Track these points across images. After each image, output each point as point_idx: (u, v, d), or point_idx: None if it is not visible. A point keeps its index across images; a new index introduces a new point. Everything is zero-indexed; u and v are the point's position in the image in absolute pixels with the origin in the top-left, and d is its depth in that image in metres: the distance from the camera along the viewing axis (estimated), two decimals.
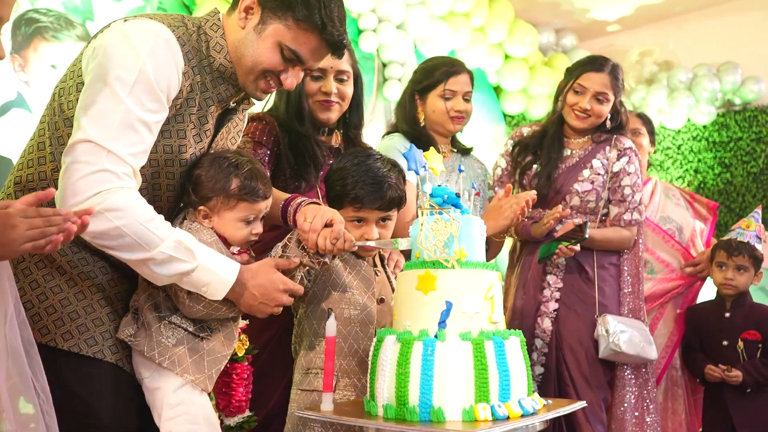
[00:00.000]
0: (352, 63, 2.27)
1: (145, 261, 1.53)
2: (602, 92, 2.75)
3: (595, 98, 2.75)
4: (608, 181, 2.79)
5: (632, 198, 2.79)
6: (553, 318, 2.72)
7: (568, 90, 2.80)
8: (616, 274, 2.81)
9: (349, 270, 1.97)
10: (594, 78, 2.75)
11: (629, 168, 2.79)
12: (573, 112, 2.79)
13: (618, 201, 2.80)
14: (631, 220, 2.80)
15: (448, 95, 2.57)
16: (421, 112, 2.63)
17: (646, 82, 6.02)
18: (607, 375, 2.73)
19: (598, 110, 2.76)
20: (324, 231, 1.72)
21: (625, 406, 2.72)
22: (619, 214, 2.80)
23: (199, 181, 1.70)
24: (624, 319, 2.69)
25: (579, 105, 2.76)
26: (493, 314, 1.62)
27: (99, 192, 1.47)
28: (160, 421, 1.62)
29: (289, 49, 1.65)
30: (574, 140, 2.86)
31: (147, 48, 1.54)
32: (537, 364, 2.71)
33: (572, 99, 2.79)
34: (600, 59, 2.84)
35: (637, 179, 2.80)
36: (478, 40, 5.34)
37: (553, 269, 2.74)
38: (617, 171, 2.79)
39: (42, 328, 1.60)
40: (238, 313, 1.70)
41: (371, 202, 1.91)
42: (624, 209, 2.79)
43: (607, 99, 2.76)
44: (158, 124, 1.58)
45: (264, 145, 2.18)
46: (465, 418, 1.51)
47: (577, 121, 2.79)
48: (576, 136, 2.86)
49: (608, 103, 2.78)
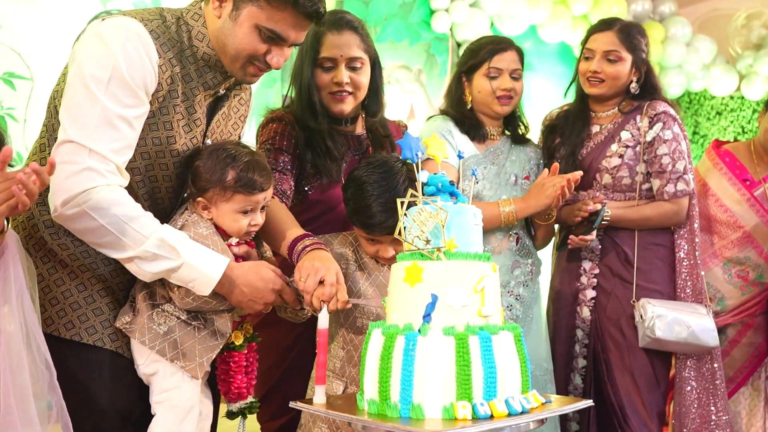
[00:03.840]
0: (365, 48, 2.16)
1: (131, 258, 1.57)
2: (611, 50, 2.54)
3: (605, 59, 2.55)
4: (643, 153, 2.56)
5: (673, 167, 2.53)
6: (591, 306, 2.56)
7: (579, 60, 2.62)
8: (667, 255, 2.57)
9: (366, 276, 1.96)
10: (600, 38, 2.56)
11: (665, 134, 2.53)
12: (586, 80, 2.59)
13: (657, 173, 2.55)
14: (675, 191, 2.54)
15: (494, 74, 2.47)
16: (468, 94, 2.55)
17: (754, 47, 5.56)
18: (660, 369, 2.52)
19: (611, 72, 2.55)
20: (318, 291, 1.67)
21: (686, 401, 2.51)
22: (660, 187, 2.55)
23: (197, 172, 1.73)
24: (672, 303, 2.47)
25: (589, 69, 2.56)
26: (483, 307, 1.54)
27: (84, 191, 1.53)
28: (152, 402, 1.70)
29: (266, 29, 1.64)
30: (601, 114, 2.65)
31: (119, 44, 1.57)
32: (579, 356, 2.56)
33: (583, 66, 2.60)
34: (608, 19, 2.65)
35: (677, 145, 2.54)
36: (560, 14, 5.12)
37: (588, 254, 2.57)
38: (651, 140, 2.55)
39: (47, 319, 1.68)
40: (231, 305, 1.71)
41: (381, 231, 1.86)
42: (665, 181, 2.54)
43: (620, 58, 2.54)
44: (139, 119, 1.61)
45: (285, 150, 2.13)
46: (445, 416, 1.45)
47: (592, 87, 2.58)
48: (602, 109, 2.64)
49: (622, 63, 2.55)
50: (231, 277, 1.64)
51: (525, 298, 2.50)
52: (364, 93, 2.18)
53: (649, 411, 2.46)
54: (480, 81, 2.50)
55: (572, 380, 2.57)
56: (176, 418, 1.67)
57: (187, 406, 1.68)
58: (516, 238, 2.52)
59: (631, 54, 2.54)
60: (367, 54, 2.16)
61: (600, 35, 2.56)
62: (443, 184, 1.66)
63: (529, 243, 2.56)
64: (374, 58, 2.20)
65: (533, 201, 2.39)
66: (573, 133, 2.60)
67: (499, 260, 2.47)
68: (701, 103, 5.87)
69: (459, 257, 1.55)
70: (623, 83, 2.57)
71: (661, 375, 2.52)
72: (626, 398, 2.46)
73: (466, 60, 2.58)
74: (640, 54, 2.56)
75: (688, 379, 2.52)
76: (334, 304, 1.68)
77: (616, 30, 2.55)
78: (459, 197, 1.68)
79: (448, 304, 1.52)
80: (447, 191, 1.66)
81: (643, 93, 2.60)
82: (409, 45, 4.86)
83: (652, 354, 2.49)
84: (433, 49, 4.92)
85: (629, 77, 2.57)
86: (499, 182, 2.50)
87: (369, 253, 1.96)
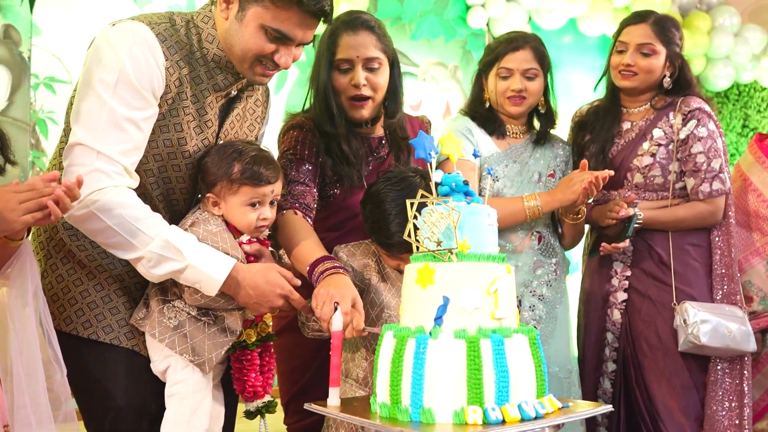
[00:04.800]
0: (382, 48, 2.08)
1: (138, 259, 1.59)
2: (645, 43, 2.44)
3: (639, 52, 2.45)
4: (676, 151, 2.46)
5: (708, 166, 2.42)
6: (622, 310, 2.48)
7: (611, 53, 2.54)
8: (703, 256, 2.47)
9: (389, 287, 1.94)
10: (633, 31, 2.46)
11: (699, 131, 2.43)
12: (618, 73, 2.50)
13: (692, 171, 2.44)
14: (711, 191, 2.43)
15: (504, 74, 2.40)
16: (486, 93, 2.50)
17: None
18: (697, 372, 2.43)
19: (644, 65, 2.45)
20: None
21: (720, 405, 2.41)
22: (695, 187, 2.44)
23: (205, 168, 1.75)
24: (711, 306, 2.37)
25: (621, 62, 2.48)
26: (496, 310, 1.50)
27: (92, 192, 1.55)
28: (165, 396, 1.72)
29: (272, 29, 1.64)
30: (632, 110, 2.55)
31: (125, 48, 1.59)
32: (609, 360, 2.49)
33: (615, 59, 2.51)
34: (642, 12, 2.54)
35: (712, 143, 2.43)
36: (600, 6, 5.01)
37: (620, 256, 2.49)
38: (685, 137, 2.44)
39: (66, 318, 1.72)
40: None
41: (399, 250, 1.84)
42: (700, 180, 2.43)
43: (654, 51, 2.45)
44: (147, 121, 1.63)
45: (306, 160, 2.06)
46: (455, 421, 1.42)
47: (624, 80, 2.49)
48: (634, 105, 2.55)
49: (656, 56, 2.45)
50: (237, 279, 1.64)
51: (548, 298, 2.44)
52: (382, 94, 2.11)
53: (687, 416, 2.38)
54: (492, 80, 2.44)
55: (601, 384, 2.51)
56: (186, 411, 1.68)
57: (197, 399, 1.69)
58: (538, 237, 2.46)
59: (666, 47, 2.46)
60: (384, 54, 2.09)
61: (634, 28, 2.48)
62: (457, 183, 1.63)
63: (555, 242, 2.50)
64: (393, 57, 2.13)
65: (559, 195, 2.33)
66: (603, 129, 2.52)
67: (521, 259, 2.41)
68: (751, 95, 5.67)
69: (471, 258, 1.52)
70: (657, 77, 2.48)
71: (698, 379, 2.43)
72: (661, 403, 2.38)
73: (483, 58, 2.53)
74: (674, 48, 2.47)
75: (721, 383, 2.43)
76: (350, 332, 1.67)
77: (651, 23, 2.46)
78: (474, 197, 1.64)
79: (459, 307, 1.49)
80: (461, 191, 1.63)
81: (677, 88, 2.51)
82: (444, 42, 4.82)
83: (689, 358, 2.40)
84: (469, 45, 4.87)
85: (663, 71, 2.48)
86: (521, 180, 2.44)
87: (391, 266, 1.94)
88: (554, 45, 5.34)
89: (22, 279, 1.50)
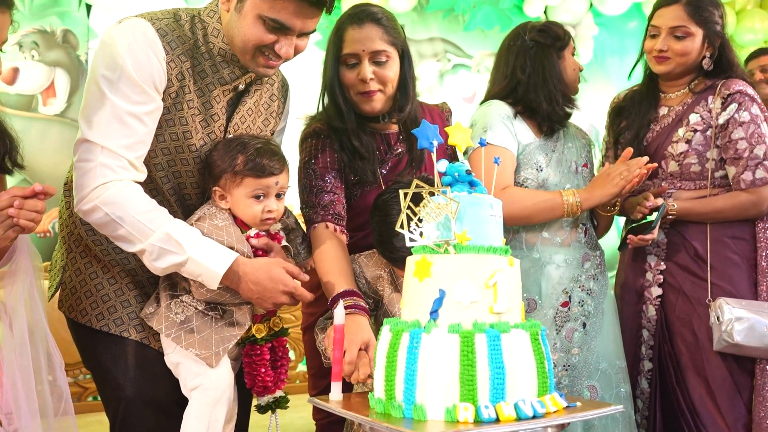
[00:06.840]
0: (390, 40, 2.02)
1: (142, 252, 1.62)
2: (678, 26, 2.30)
3: (672, 35, 2.31)
4: (715, 137, 2.31)
5: (751, 153, 2.25)
6: (657, 305, 2.35)
7: (644, 38, 2.39)
8: (746, 249, 2.30)
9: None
10: (665, 13, 2.33)
11: (740, 116, 2.26)
12: (652, 58, 2.37)
13: (732, 159, 2.28)
14: (753, 180, 2.26)
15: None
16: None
17: None
18: (740, 374, 2.26)
19: (679, 48, 2.31)
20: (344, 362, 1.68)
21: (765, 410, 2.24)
22: (737, 175, 2.28)
23: (211, 161, 1.77)
24: (751, 303, 2.21)
25: (654, 47, 2.34)
26: (495, 304, 1.44)
27: (97, 186, 1.60)
28: (186, 390, 1.73)
29: (269, 19, 1.64)
30: (670, 95, 2.41)
31: (125, 45, 1.63)
32: (645, 358, 2.36)
33: (648, 44, 2.38)
34: None
35: (755, 128, 2.26)
36: None
37: (653, 249, 2.35)
38: (724, 122, 2.28)
39: (81, 310, 1.77)
40: None
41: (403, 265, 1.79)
42: (742, 168, 2.26)
43: (688, 33, 2.30)
44: (151, 114, 1.66)
45: (328, 167, 2.04)
46: (447, 419, 1.37)
47: (658, 65, 2.35)
48: (672, 89, 2.41)
49: (691, 39, 2.31)
50: (238, 273, 1.64)
51: (595, 292, 2.35)
52: (392, 87, 2.05)
53: (729, 421, 2.22)
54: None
55: (639, 384, 2.38)
56: (208, 402, 1.70)
57: (218, 391, 1.70)
58: (584, 230, 2.37)
59: (702, 28, 2.31)
60: (393, 46, 2.03)
61: (666, 10, 2.35)
62: (460, 173, 1.57)
63: (595, 234, 2.40)
64: (403, 49, 2.07)
65: (598, 191, 2.23)
66: (639, 115, 2.40)
67: (568, 253, 2.33)
68: None
69: (469, 250, 1.47)
70: (693, 60, 2.34)
71: (742, 382, 2.27)
72: (700, 404, 2.24)
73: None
74: (712, 27, 2.32)
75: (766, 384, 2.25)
76: (355, 378, 1.69)
77: (684, 3, 2.32)
78: (478, 187, 1.58)
79: (456, 300, 1.44)
80: (464, 181, 1.58)
81: (718, 70, 2.36)
82: (500, 32, 4.70)
83: (729, 358, 2.25)
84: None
85: (701, 53, 2.33)
86: (561, 170, 2.35)
87: (401, 276, 1.91)
88: (618, 31, 5.13)
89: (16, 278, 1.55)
